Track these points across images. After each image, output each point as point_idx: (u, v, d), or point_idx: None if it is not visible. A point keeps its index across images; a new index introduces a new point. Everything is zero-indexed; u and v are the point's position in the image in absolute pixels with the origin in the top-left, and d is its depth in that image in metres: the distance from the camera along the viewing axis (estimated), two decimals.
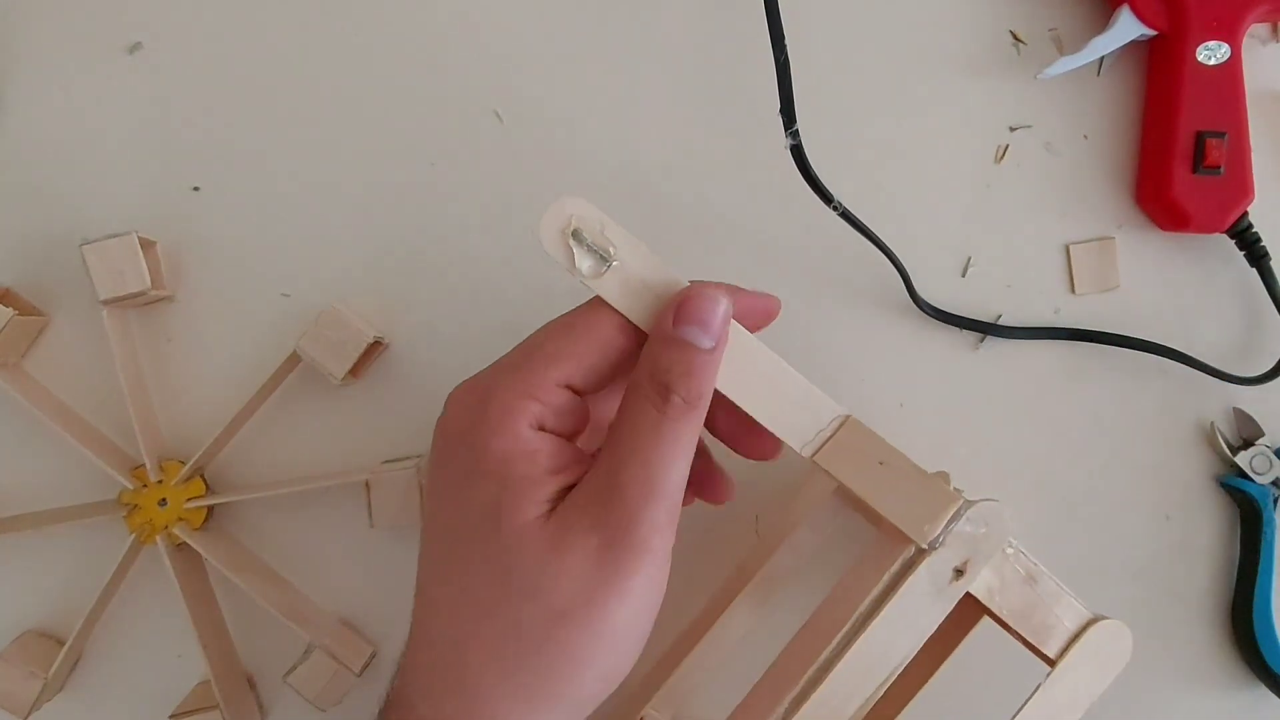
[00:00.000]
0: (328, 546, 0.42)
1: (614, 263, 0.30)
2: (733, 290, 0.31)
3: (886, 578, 0.30)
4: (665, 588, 0.29)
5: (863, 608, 0.30)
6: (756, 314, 0.32)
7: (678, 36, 0.42)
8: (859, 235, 0.40)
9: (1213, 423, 0.43)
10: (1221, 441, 0.42)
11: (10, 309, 0.38)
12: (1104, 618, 0.31)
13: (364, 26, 0.42)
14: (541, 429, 0.29)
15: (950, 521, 0.29)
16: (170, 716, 0.40)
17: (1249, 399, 0.43)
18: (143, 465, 0.40)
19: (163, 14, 0.41)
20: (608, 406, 0.33)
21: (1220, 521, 0.43)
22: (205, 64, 0.41)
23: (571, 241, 0.29)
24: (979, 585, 0.30)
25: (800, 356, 0.42)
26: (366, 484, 0.39)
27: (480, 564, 0.28)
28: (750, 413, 0.30)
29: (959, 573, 0.30)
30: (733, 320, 0.30)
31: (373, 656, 0.41)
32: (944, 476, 0.39)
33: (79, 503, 0.41)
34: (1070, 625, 0.31)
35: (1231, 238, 0.41)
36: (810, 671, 0.30)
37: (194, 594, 0.40)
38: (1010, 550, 0.30)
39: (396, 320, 0.42)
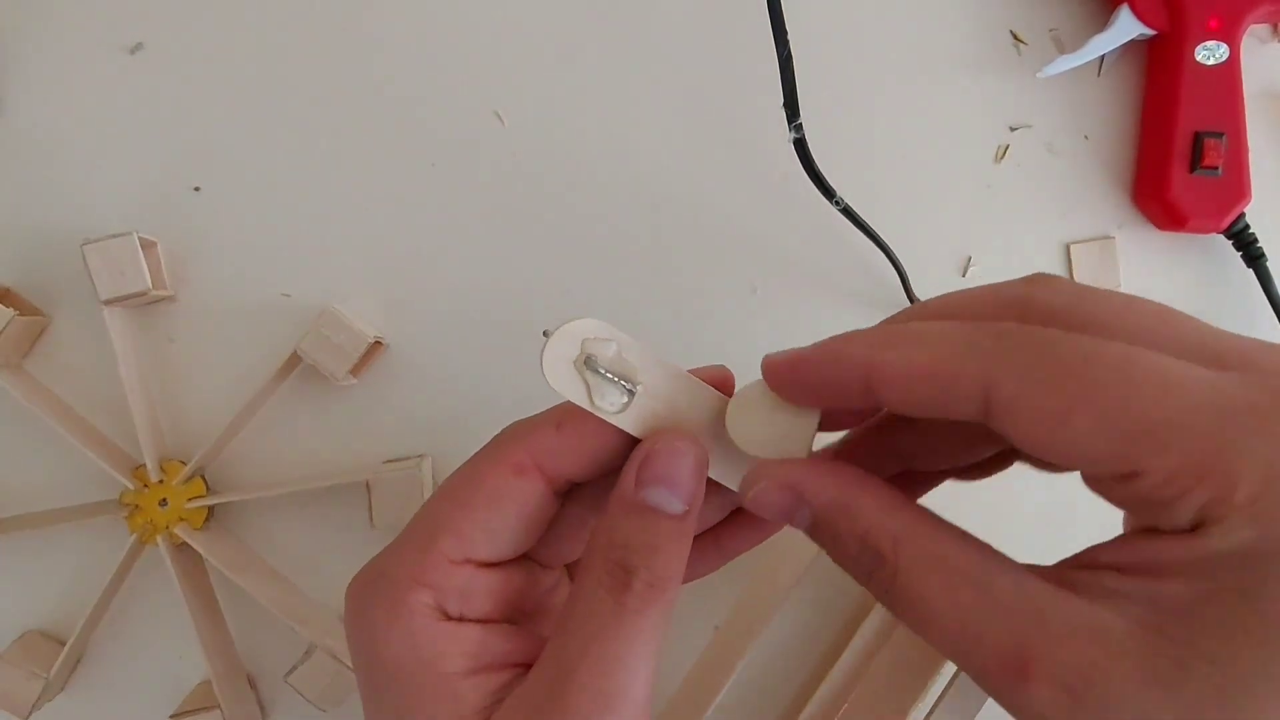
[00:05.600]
0: (329, 546, 0.42)
1: (637, 390, 0.24)
2: (691, 384, 0.25)
3: None
4: None
5: None
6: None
7: (678, 36, 0.42)
8: (859, 235, 0.40)
9: None
10: None
11: (11, 309, 0.38)
12: None
13: (365, 26, 0.42)
14: (449, 619, 0.23)
15: None
16: (171, 716, 0.41)
17: None
18: (144, 465, 0.40)
19: (163, 14, 0.41)
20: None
21: None
22: (205, 64, 0.41)
23: (586, 373, 0.24)
24: None
25: None
26: (367, 484, 0.40)
27: None
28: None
29: None
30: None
31: None
32: None
33: (80, 503, 0.41)
34: None
35: (1228, 238, 0.42)
36: None
37: (195, 594, 0.40)
38: None
39: (396, 320, 0.42)
